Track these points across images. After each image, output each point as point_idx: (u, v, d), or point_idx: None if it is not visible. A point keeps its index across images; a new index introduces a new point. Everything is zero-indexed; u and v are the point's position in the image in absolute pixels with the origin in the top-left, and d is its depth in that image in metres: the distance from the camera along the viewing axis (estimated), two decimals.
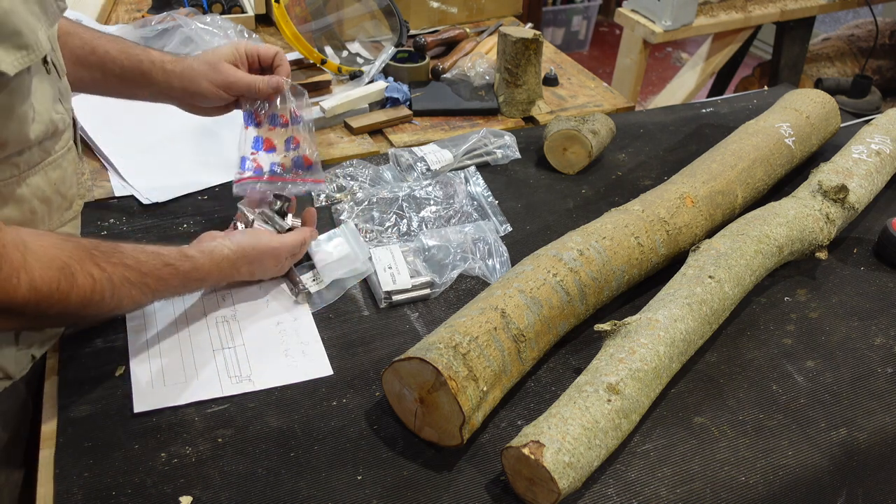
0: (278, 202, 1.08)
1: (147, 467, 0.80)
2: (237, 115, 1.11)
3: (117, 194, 1.22)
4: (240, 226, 1.06)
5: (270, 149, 1.09)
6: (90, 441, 0.83)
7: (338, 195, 1.23)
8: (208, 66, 1.03)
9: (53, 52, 0.85)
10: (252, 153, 1.08)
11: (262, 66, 1.09)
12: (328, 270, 1.06)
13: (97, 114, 1.35)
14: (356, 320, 1.01)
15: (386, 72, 1.58)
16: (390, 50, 1.60)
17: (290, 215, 1.09)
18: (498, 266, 1.09)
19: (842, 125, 1.43)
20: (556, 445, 0.74)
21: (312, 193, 1.22)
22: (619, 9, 2.39)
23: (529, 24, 1.79)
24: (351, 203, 1.20)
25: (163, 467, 0.80)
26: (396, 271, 1.05)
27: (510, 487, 0.79)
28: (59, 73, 0.87)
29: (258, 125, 1.09)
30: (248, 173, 1.07)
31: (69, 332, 0.96)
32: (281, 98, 1.08)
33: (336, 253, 1.09)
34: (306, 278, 1.05)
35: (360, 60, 1.67)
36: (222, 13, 1.76)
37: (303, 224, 1.08)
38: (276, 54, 1.07)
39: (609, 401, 0.80)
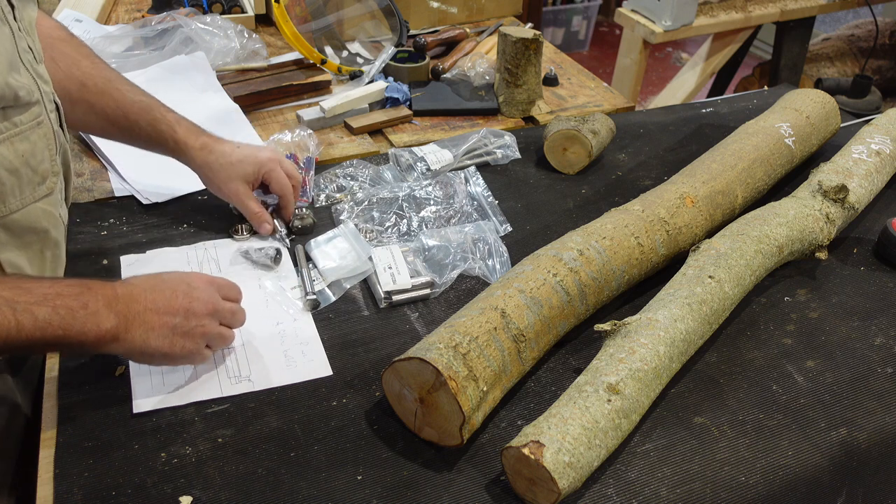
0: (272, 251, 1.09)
1: (147, 467, 0.80)
2: (238, 114, 1.12)
3: (117, 194, 1.22)
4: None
5: None
6: (90, 441, 0.83)
7: (338, 195, 1.23)
8: (223, 174, 1.09)
9: (20, 26, 0.88)
10: None
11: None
12: (329, 270, 1.06)
13: None
14: (356, 320, 1.01)
15: (386, 72, 1.58)
16: (390, 50, 1.60)
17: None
18: (498, 266, 1.09)
19: (842, 125, 1.43)
20: (556, 445, 0.74)
21: (312, 194, 1.23)
22: (619, 9, 2.39)
23: (529, 24, 1.79)
24: (351, 203, 1.20)
25: (163, 467, 0.80)
26: (396, 271, 1.05)
27: (510, 487, 0.79)
28: (36, 56, 0.89)
29: None
30: None
31: None
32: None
33: (336, 253, 1.09)
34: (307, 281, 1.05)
35: (360, 60, 1.67)
36: (222, 13, 1.76)
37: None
38: (282, 196, 1.13)
39: (609, 401, 0.80)
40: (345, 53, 1.69)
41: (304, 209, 1.17)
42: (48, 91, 0.92)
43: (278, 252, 1.08)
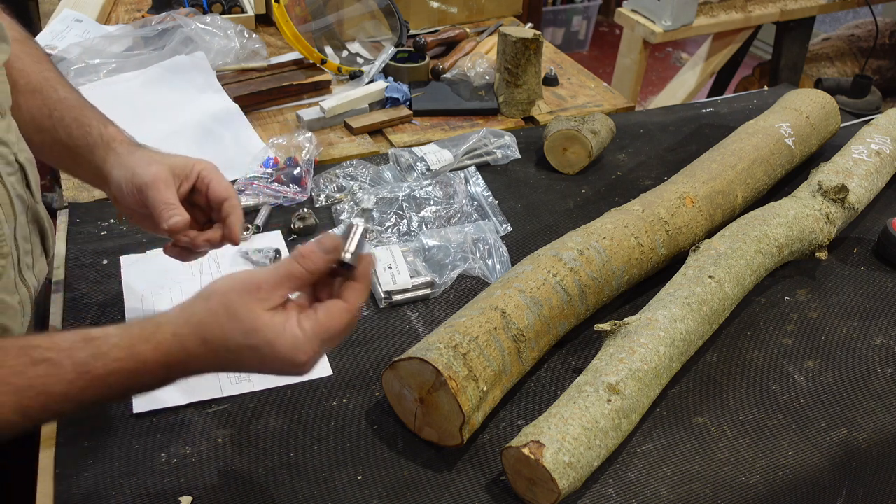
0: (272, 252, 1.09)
1: (147, 467, 0.80)
2: (238, 114, 1.11)
3: None
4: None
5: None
6: (90, 441, 0.83)
7: (338, 195, 1.23)
8: (147, 158, 0.85)
9: None
10: None
11: (210, 204, 0.87)
12: None
13: None
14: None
15: (386, 72, 1.58)
16: (390, 50, 1.60)
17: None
18: (498, 266, 1.09)
19: (842, 125, 1.43)
20: (556, 445, 0.74)
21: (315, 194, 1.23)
22: (619, 9, 2.39)
23: (529, 24, 1.78)
24: (351, 203, 1.20)
25: (163, 467, 0.80)
26: (396, 271, 1.05)
27: (510, 487, 0.79)
28: None
29: None
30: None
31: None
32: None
33: None
34: None
35: (360, 60, 1.67)
36: (222, 13, 1.76)
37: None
38: (225, 200, 0.85)
39: (609, 401, 0.80)
40: (345, 53, 1.69)
41: (305, 209, 1.17)
42: (5, 153, 0.78)
43: (278, 253, 1.08)
